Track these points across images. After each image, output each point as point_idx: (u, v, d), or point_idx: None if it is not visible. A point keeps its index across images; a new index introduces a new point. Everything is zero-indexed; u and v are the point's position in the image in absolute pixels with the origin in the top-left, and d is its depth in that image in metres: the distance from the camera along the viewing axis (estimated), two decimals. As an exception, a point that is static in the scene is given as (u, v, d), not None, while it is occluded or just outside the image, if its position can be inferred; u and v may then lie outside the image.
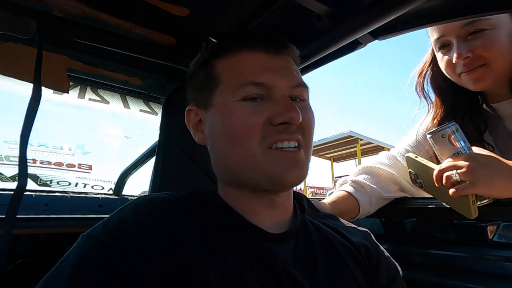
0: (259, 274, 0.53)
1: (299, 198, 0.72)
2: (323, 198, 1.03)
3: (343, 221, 0.75)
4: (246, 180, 0.58)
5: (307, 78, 0.99)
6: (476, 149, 0.81)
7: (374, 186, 1.02)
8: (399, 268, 0.69)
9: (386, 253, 0.70)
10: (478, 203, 0.80)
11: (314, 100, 0.65)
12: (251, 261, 0.54)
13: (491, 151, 0.82)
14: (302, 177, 0.57)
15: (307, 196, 1.12)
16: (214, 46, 0.66)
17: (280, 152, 0.56)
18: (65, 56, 0.98)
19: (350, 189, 1.02)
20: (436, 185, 0.83)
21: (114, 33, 0.90)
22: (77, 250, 0.50)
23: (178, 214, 0.55)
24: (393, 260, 0.70)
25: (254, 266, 0.54)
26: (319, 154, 12.74)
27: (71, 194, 1.58)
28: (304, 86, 0.62)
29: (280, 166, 0.55)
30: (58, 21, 0.83)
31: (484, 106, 1.06)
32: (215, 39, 0.66)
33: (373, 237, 0.71)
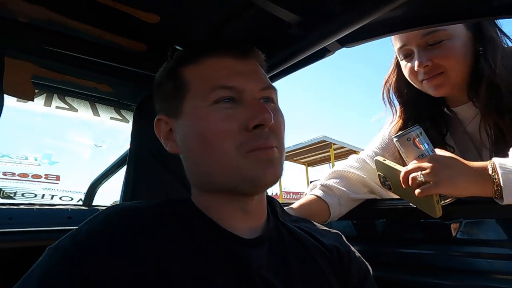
0: (234, 280, 0.53)
1: (271, 202, 0.73)
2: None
3: (315, 224, 0.76)
4: (223, 184, 0.58)
5: (278, 84, 1.01)
6: (438, 151, 0.85)
7: (343, 189, 1.04)
8: (370, 268, 0.71)
9: (357, 254, 0.72)
10: (442, 202, 0.84)
11: (287, 106, 0.67)
12: (226, 267, 0.54)
13: (452, 152, 0.87)
14: (278, 175, 0.59)
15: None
16: (181, 54, 0.66)
17: (256, 153, 0.56)
18: (30, 62, 0.94)
19: (319, 192, 1.04)
20: (403, 186, 0.86)
21: (83, 39, 0.88)
22: (44, 263, 0.48)
23: (151, 222, 0.55)
24: (364, 260, 0.72)
25: (229, 271, 0.54)
26: (294, 159, 12.89)
27: (37, 207, 1.51)
28: (272, 88, 0.63)
29: (258, 167, 0.56)
30: (22, 27, 0.80)
31: (445, 110, 1.12)
32: (180, 47, 0.66)
33: (344, 239, 0.73)
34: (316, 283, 0.62)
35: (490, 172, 0.75)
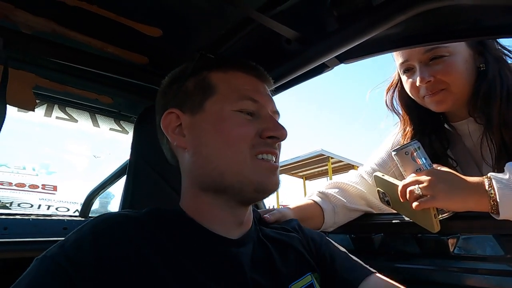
0: (225, 282, 0.55)
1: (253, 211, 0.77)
2: None
3: (297, 223, 0.81)
4: (231, 185, 0.61)
5: (276, 97, 1.03)
6: (436, 166, 0.86)
7: (339, 197, 1.06)
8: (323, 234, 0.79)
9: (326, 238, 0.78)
10: (440, 216, 0.84)
11: (285, 120, 0.72)
12: (215, 269, 0.56)
13: (454, 167, 0.87)
14: (278, 184, 0.66)
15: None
16: (209, 59, 0.72)
17: (263, 162, 0.63)
18: (32, 73, 0.95)
19: (316, 198, 1.07)
20: (401, 200, 0.87)
21: (85, 51, 0.89)
22: (32, 274, 0.48)
23: (139, 230, 0.56)
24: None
25: (219, 274, 0.56)
26: (292, 172, 12.85)
27: (33, 217, 1.50)
28: (278, 114, 0.71)
29: (264, 174, 0.62)
30: (26, 39, 0.82)
31: (445, 125, 1.13)
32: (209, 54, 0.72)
33: (324, 235, 0.79)
34: (298, 266, 0.67)
35: (486, 187, 0.76)
